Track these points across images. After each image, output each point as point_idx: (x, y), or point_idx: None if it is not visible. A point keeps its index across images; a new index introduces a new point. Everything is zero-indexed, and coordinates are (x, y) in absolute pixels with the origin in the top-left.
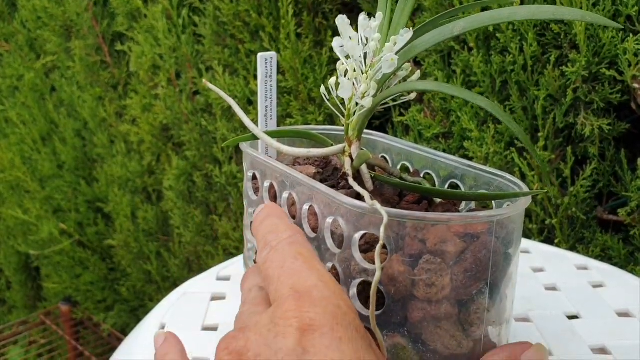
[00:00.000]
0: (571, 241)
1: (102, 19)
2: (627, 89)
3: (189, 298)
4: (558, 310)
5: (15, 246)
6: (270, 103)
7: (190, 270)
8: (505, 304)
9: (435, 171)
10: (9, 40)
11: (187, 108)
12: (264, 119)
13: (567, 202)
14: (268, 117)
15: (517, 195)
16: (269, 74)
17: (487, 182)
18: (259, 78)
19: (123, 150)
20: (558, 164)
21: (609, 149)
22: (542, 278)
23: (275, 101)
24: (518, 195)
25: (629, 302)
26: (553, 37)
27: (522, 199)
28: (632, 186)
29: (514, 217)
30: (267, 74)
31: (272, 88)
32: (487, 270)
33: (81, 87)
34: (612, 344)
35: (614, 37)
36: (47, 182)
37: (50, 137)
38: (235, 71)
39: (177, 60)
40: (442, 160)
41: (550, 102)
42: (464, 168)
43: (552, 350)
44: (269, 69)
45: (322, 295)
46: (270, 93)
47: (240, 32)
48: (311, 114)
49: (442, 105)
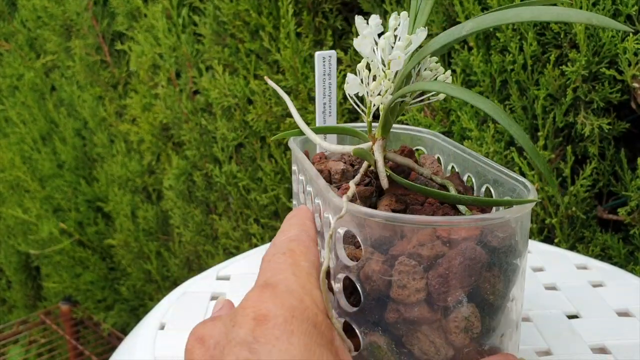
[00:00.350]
0: (571, 240)
1: (102, 18)
2: (626, 88)
3: (189, 297)
4: (558, 310)
5: (15, 246)
6: (328, 100)
7: (190, 270)
8: (500, 316)
9: (476, 175)
10: (9, 40)
11: (187, 107)
12: (322, 115)
13: (567, 202)
14: (326, 114)
15: (511, 202)
16: (327, 72)
17: (511, 188)
18: (317, 76)
19: (123, 150)
20: (558, 163)
21: (608, 148)
22: (542, 277)
23: (335, 99)
24: (512, 202)
25: (629, 302)
26: (553, 36)
27: (515, 207)
28: (632, 185)
29: (506, 225)
30: (325, 72)
31: (330, 86)
32: (466, 279)
33: (81, 87)
34: (612, 344)
35: (614, 37)
36: (47, 181)
37: (50, 137)
38: (235, 70)
39: (177, 60)
40: (479, 164)
41: (550, 101)
42: (495, 172)
43: (552, 350)
44: (327, 67)
45: (286, 289)
46: (329, 91)
47: (240, 32)
48: (311, 112)
49: (442, 104)
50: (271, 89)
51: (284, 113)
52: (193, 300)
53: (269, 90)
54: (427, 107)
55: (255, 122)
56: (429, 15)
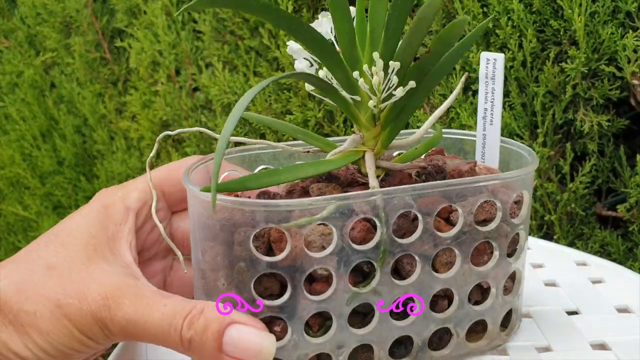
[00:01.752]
0: (570, 237)
1: (101, 15)
2: (626, 85)
3: None
4: (557, 306)
5: (15, 242)
6: (490, 107)
7: None
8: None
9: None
10: (8, 37)
11: (187, 104)
12: (482, 122)
13: (566, 198)
14: (487, 122)
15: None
16: (491, 75)
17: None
18: (480, 78)
19: (123, 147)
20: (557, 160)
21: (608, 145)
22: (541, 274)
23: (499, 107)
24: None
25: (629, 298)
26: (552, 33)
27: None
28: (631, 182)
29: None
30: (489, 75)
31: (494, 91)
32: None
33: (81, 84)
34: (612, 340)
35: (614, 34)
36: (47, 178)
37: (50, 134)
38: (234, 68)
39: (176, 57)
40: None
41: (550, 98)
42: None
43: (551, 346)
44: (490, 69)
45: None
46: (492, 96)
47: (240, 29)
48: (311, 110)
49: (442, 101)
50: (271, 86)
51: (284, 110)
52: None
53: (268, 87)
54: (427, 104)
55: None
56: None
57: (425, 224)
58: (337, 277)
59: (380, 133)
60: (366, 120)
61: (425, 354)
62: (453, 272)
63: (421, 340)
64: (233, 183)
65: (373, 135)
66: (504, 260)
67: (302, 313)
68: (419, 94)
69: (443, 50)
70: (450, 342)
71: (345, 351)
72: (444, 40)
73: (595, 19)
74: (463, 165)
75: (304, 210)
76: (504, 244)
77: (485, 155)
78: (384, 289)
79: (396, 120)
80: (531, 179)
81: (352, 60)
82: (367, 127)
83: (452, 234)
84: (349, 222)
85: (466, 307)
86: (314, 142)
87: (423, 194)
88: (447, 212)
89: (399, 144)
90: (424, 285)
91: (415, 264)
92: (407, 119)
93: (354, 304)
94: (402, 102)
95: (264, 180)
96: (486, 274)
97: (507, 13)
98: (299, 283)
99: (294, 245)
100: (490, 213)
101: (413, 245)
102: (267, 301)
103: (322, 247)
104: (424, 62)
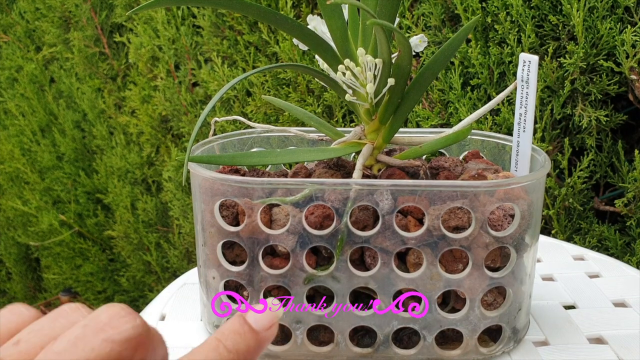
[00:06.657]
0: (568, 232)
1: (100, 10)
2: (624, 80)
3: (189, 289)
4: (555, 300)
5: (15, 237)
6: (524, 112)
7: (190, 261)
8: None
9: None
10: (7, 32)
11: (186, 99)
12: (517, 127)
13: (564, 193)
14: (521, 128)
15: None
16: (525, 78)
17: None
18: (517, 81)
19: (122, 142)
20: (555, 155)
21: (605, 140)
22: (539, 268)
23: (532, 112)
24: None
25: (625, 292)
26: (551, 28)
27: None
28: (629, 177)
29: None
30: (523, 78)
31: (527, 95)
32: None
33: (80, 79)
34: (609, 334)
35: (612, 29)
36: (46, 173)
37: (50, 129)
38: (234, 62)
39: (176, 52)
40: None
41: (548, 93)
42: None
43: (549, 340)
44: (525, 72)
45: None
46: (526, 101)
47: (239, 24)
48: (310, 105)
49: (440, 96)
50: (270, 81)
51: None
52: (193, 291)
53: (267, 82)
54: (425, 99)
55: (254, 114)
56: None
57: (386, 220)
58: (293, 256)
59: (379, 127)
60: (363, 113)
61: (389, 349)
62: (418, 274)
63: (383, 335)
64: (218, 157)
65: (373, 128)
66: (482, 272)
67: (260, 283)
68: (416, 90)
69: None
70: (418, 345)
71: (302, 327)
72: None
73: (593, 14)
74: (473, 170)
75: (287, 190)
76: (481, 255)
77: (518, 162)
78: (342, 276)
79: (394, 115)
80: (523, 194)
81: (346, 54)
82: (365, 120)
83: (417, 235)
84: (310, 207)
85: (434, 313)
86: (324, 129)
87: (397, 192)
88: (421, 213)
89: (418, 141)
90: (385, 281)
91: (377, 258)
92: (405, 114)
93: (311, 284)
94: (397, 97)
95: (255, 159)
96: (459, 283)
97: (505, 8)
98: (256, 255)
99: (251, 220)
100: (463, 220)
101: (374, 239)
102: (231, 266)
103: (283, 225)
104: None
